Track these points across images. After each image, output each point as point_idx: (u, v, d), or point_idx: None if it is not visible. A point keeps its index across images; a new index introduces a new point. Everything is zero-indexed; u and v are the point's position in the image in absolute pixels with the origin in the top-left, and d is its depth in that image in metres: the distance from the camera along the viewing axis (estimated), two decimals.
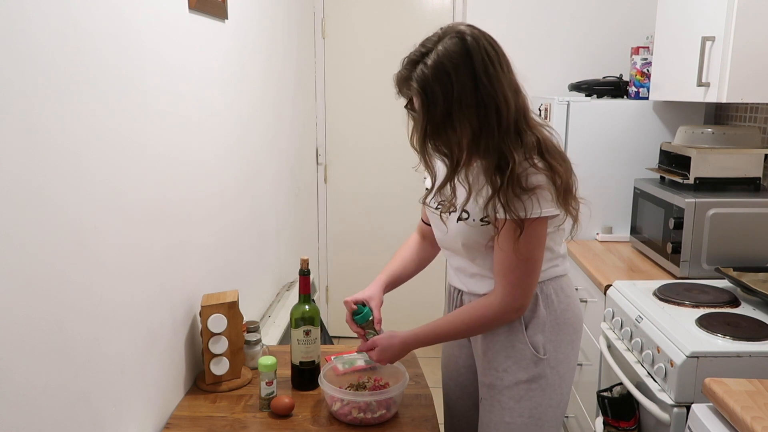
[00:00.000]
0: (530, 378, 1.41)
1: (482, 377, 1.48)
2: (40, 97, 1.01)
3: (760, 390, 1.29)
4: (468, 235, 1.38)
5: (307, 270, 1.64)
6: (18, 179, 0.96)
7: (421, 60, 1.24)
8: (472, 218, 1.36)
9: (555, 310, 1.43)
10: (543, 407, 1.42)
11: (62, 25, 1.07)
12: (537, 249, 1.32)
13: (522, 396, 1.41)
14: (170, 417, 1.53)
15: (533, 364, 1.41)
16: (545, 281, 1.42)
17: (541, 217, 1.28)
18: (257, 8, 2.35)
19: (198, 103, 1.72)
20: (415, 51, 1.26)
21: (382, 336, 1.47)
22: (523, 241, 1.29)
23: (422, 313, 3.78)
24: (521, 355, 1.41)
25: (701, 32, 2.09)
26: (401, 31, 3.56)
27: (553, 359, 1.42)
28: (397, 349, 1.45)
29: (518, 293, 1.34)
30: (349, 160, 3.72)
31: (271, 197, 2.62)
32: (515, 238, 1.28)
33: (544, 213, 1.28)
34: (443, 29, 1.27)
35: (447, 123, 1.24)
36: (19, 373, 0.98)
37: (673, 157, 2.40)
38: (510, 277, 1.33)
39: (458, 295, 1.52)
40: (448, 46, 1.22)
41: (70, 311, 1.11)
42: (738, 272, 2.00)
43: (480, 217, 1.34)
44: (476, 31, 1.26)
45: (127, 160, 1.30)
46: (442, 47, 1.22)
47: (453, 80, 1.21)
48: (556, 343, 1.42)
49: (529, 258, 1.32)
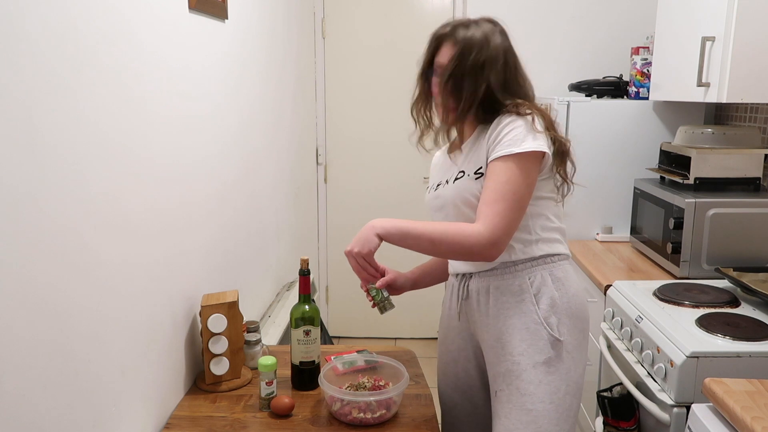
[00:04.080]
0: (547, 360, 1.41)
1: (496, 367, 1.46)
2: (37, 100, 1.01)
3: (760, 390, 1.29)
4: (466, 190, 1.42)
5: (307, 270, 1.65)
6: (14, 181, 0.96)
7: (462, 26, 1.44)
8: (467, 174, 1.43)
9: (566, 293, 1.44)
10: (561, 393, 1.41)
11: (61, 25, 1.07)
12: (525, 186, 1.35)
13: (541, 380, 1.40)
14: (170, 417, 1.53)
15: (550, 346, 1.41)
16: (552, 258, 1.45)
17: (531, 151, 1.34)
18: (257, 8, 2.35)
19: (198, 103, 1.72)
20: (455, 20, 1.47)
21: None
22: (512, 175, 1.34)
23: (422, 313, 3.80)
24: (537, 336, 1.41)
25: (701, 32, 2.09)
26: (401, 31, 3.56)
27: (568, 343, 1.43)
28: (364, 232, 1.41)
29: (500, 224, 1.33)
30: (349, 160, 3.72)
31: (271, 197, 2.62)
32: (505, 172, 1.34)
33: (534, 147, 1.34)
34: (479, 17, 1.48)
35: (472, 77, 1.40)
36: (19, 373, 0.98)
37: (673, 157, 2.40)
38: (494, 207, 1.33)
39: (464, 284, 1.51)
40: (482, 24, 1.45)
41: (70, 311, 1.11)
42: (738, 272, 2.00)
43: (474, 170, 1.42)
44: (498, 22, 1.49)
45: (126, 160, 1.30)
46: (478, 24, 1.44)
47: (490, 46, 1.41)
48: (570, 327, 1.44)
49: (516, 192, 1.34)
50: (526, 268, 1.44)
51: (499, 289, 1.45)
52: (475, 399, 1.59)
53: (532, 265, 1.44)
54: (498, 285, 1.45)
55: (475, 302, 1.50)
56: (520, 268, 1.44)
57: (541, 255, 1.44)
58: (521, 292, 1.43)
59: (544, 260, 1.44)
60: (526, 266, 1.44)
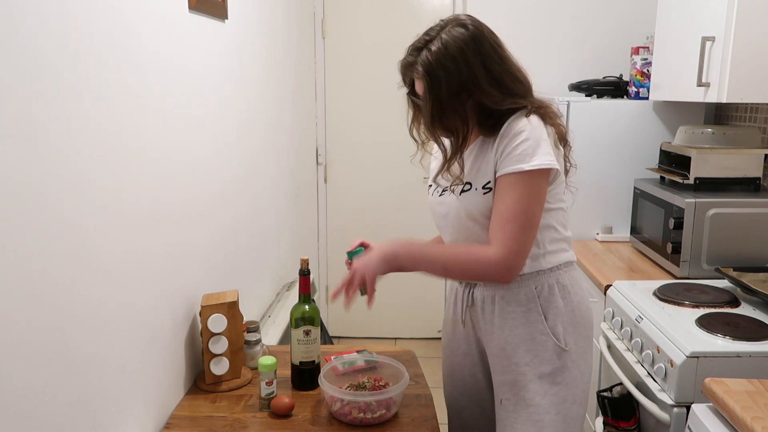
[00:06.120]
0: (554, 370, 1.39)
1: (502, 376, 1.44)
2: (38, 98, 1.01)
3: (760, 390, 1.29)
4: (472, 205, 1.39)
5: (307, 270, 1.65)
6: (17, 179, 0.96)
7: (425, 47, 1.32)
8: (474, 188, 1.39)
9: (572, 301, 1.43)
10: (568, 403, 1.41)
11: (61, 25, 1.07)
12: (536, 204, 1.33)
13: (547, 390, 1.39)
14: (170, 417, 1.53)
15: (556, 356, 1.40)
16: (559, 267, 1.43)
17: (541, 168, 1.30)
18: (257, 8, 2.35)
19: (198, 103, 1.72)
20: (419, 39, 1.35)
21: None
22: (522, 194, 1.31)
23: (422, 313, 3.80)
24: (543, 347, 1.40)
25: (701, 32, 2.09)
26: (401, 31, 3.54)
27: (573, 352, 1.41)
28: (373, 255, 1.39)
29: (514, 248, 1.31)
30: (349, 160, 3.72)
31: (271, 197, 2.62)
32: (515, 190, 1.31)
33: (543, 164, 1.30)
34: (444, 20, 1.36)
35: (453, 103, 1.32)
36: (19, 374, 0.98)
37: (673, 157, 2.40)
38: (507, 229, 1.31)
39: (469, 293, 1.49)
40: (452, 32, 1.31)
41: (70, 312, 1.11)
42: (738, 272, 2.00)
43: (482, 184, 1.37)
44: (475, 19, 1.36)
45: (126, 160, 1.30)
46: (446, 35, 1.31)
47: (460, 64, 1.30)
48: (575, 335, 1.42)
49: (527, 211, 1.31)
50: (533, 277, 1.41)
51: (504, 298, 1.43)
52: (483, 402, 1.58)
53: (539, 275, 1.42)
54: (504, 294, 1.43)
55: (480, 310, 1.47)
56: (526, 278, 1.41)
57: (548, 267, 1.42)
58: (527, 301, 1.41)
59: (551, 270, 1.42)
60: (532, 276, 1.41)
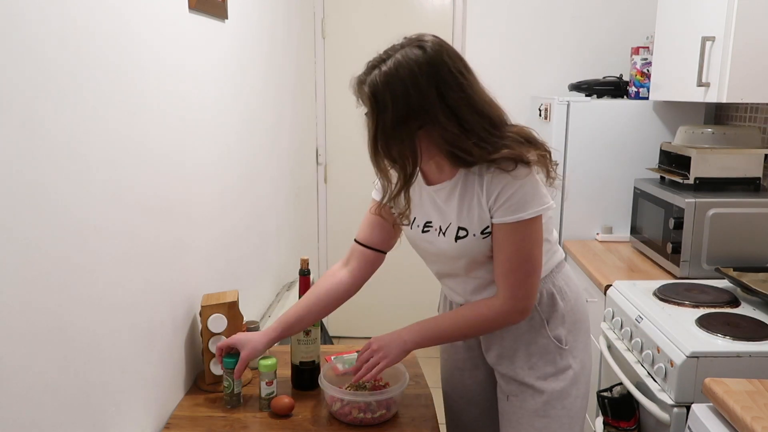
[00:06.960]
0: (557, 370, 1.41)
1: (507, 376, 1.45)
2: (40, 97, 1.01)
3: (760, 390, 1.29)
4: (471, 251, 1.34)
5: (307, 270, 1.65)
6: (18, 180, 0.96)
7: (378, 65, 1.22)
8: (471, 233, 1.32)
9: (570, 301, 1.44)
10: (572, 397, 1.42)
11: (61, 24, 1.07)
12: (536, 247, 1.32)
13: (553, 388, 1.41)
14: (170, 417, 1.53)
15: (558, 357, 1.41)
16: (552, 272, 1.43)
17: (537, 215, 1.28)
18: (257, 8, 2.35)
19: (198, 103, 1.72)
20: (376, 56, 1.24)
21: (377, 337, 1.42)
22: (523, 241, 1.29)
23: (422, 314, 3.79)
24: (545, 349, 1.41)
25: (701, 32, 2.09)
26: (401, 32, 3.54)
27: (574, 348, 1.43)
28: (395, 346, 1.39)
29: (521, 294, 1.32)
30: (349, 160, 3.72)
31: (271, 197, 2.62)
32: (515, 238, 1.29)
33: (540, 209, 1.28)
34: (408, 38, 1.25)
35: (400, 131, 1.21)
36: (19, 373, 0.98)
37: (673, 157, 2.40)
38: (512, 279, 1.31)
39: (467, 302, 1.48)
40: (407, 54, 1.20)
41: (70, 311, 1.11)
42: (738, 272, 2.00)
43: (480, 230, 1.31)
44: (439, 40, 1.24)
45: (127, 160, 1.30)
46: (401, 55, 1.20)
47: (408, 88, 1.18)
48: (575, 332, 1.44)
49: (530, 257, 1.31)
50: None
51: None
52: (482, 404, 1.59)
53: None
54: None
55: None
56: None
57: (544, 276, 1.41)
58: None
59: (545, 277, 1.42)
60: None
